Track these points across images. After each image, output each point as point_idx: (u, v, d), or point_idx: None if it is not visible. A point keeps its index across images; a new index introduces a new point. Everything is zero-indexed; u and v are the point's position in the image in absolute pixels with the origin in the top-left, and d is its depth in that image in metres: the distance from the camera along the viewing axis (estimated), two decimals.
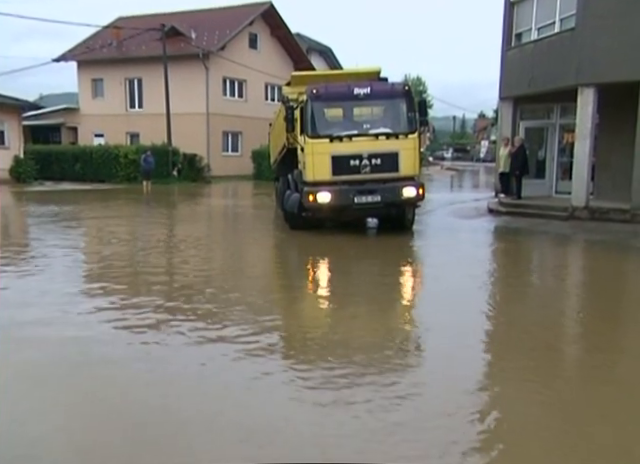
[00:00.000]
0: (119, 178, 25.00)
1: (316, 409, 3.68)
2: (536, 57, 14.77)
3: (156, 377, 4.20)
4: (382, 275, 8.04)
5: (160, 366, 4.40)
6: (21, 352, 4.63)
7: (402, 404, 3.71)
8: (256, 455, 3.10)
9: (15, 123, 25.35)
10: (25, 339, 4.96)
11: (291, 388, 4.02)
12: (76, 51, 31.44)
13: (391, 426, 3.41)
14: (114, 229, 12.25)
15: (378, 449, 3.17)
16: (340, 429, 3.36)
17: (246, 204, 20.08)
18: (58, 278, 7.39)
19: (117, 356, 4.61)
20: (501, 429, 3.47)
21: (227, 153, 30.55)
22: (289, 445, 3.22)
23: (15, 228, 13.76)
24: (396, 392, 3.89)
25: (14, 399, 3.82)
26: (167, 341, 4.96)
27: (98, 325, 5.40)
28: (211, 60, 28.16)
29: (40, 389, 3.98)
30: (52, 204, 16.83)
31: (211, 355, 4.66)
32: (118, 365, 4.43)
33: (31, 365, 4.39)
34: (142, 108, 29.90)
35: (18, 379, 4.14)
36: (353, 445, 3.20)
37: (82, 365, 4.41)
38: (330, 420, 3.50)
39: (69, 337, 5.02)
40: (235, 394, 3.90)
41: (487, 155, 60.98)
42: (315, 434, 3.34)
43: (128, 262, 8.80)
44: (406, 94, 10.81)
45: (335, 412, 3.61)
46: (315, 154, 10.51)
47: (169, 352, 4.73)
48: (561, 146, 15.92)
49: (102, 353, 4.65)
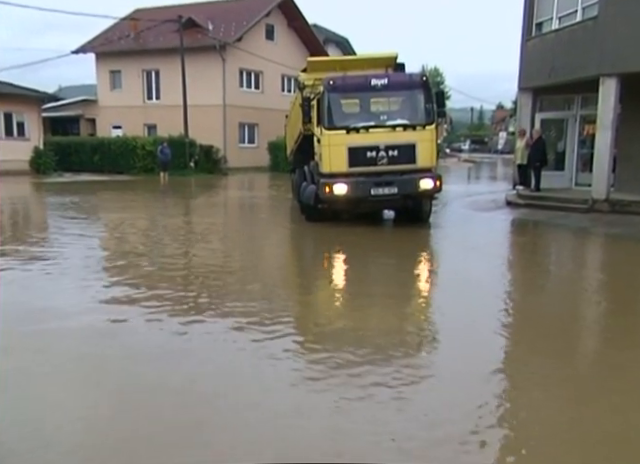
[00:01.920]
0: (137, 169, 25.20)
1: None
2: (557, 47, 14.52)
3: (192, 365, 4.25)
4: (399, 267, 8.02)
5: (187, 354, 4.46)
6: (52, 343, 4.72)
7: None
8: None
9: (35, 115, 25.63)
10: (50, 331, 5.05)
11: (308, 369, 4.04)
12: (94, 43, 31.66)
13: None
14: (132, 220, 12.37)
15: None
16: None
17: (262, 196, 20.12)
18: (79, 266, 7.50)
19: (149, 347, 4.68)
20: (518, 416, 3.46)
21: (243, 145, 30.61)
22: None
23: (37, 218, 13.95)
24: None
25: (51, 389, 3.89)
26: (190, 328, 5.02)
27: (123, 314, 5.47)
28: (228, 51, 28.17)
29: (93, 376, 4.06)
30: (72, 195, 17.04)
31: (236, 339, 4.71)
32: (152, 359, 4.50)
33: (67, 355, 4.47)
34: (159, 100, 30.05)
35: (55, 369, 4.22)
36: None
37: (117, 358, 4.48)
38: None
39: (93, 326, 5.10)
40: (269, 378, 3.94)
41: (505, 147, 60.25)
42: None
43: (146, 252, 8.88)
44: (424, 85, 10.71)
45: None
46: (331, 146, 10.47)
47: (195, 340, 4.79)
48: (581, 137, 15.66)
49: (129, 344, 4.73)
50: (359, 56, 13.66)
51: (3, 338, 4.76)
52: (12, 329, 5.00)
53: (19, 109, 24.86)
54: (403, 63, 11.99)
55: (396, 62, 11.94)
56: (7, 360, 4.29)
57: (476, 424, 3.32)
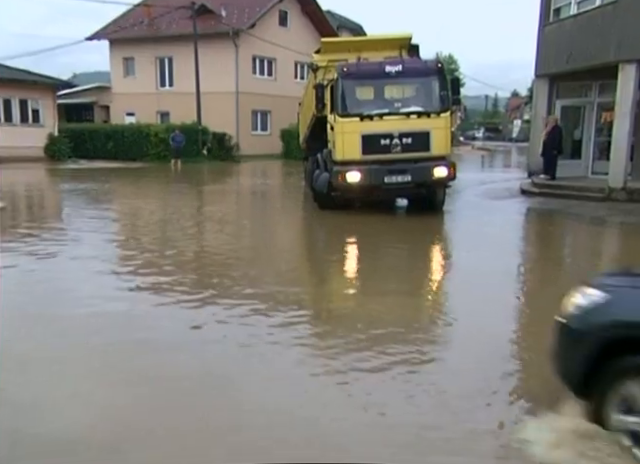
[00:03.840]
0: (150, 157, 25.26)
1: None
2: (575, 33, 14.26)
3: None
4: (411, 255, 8.00)
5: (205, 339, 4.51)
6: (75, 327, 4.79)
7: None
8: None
9: (50, 101, 25.74)
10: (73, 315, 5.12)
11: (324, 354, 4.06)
12: (108, 30, 31.63)
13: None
14: (148, 207, 12.45)
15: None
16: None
17: (275, 183, 20.12)
18: (97, 250, 7.59)
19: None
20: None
21: (256, 132, 30.55)
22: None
23: (55, 204, 14.08)
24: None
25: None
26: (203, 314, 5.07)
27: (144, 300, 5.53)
28: (241, 38, 28.03)
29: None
30: (88, 182, 17.17)
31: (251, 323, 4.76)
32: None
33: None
34: (172, 87, 30.04)
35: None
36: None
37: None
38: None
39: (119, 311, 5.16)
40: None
41: (520, 135, 59.46)
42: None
43: (162, 240, 8.94)
44: (439, 72, 10.59)
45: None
46: (345, 133, 10.41)
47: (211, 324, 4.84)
48: (598, 125, 15.42)
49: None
50: (373, 37, 13.50)
51: (26, 323, 4.84)
52: (31, 314, 5.08)
53: (34, 96, 24.98)
54: (417, 45, 11.88)
55: (410, 43, 11.82)
56: (27, 343, 4.36)
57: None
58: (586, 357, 2.83)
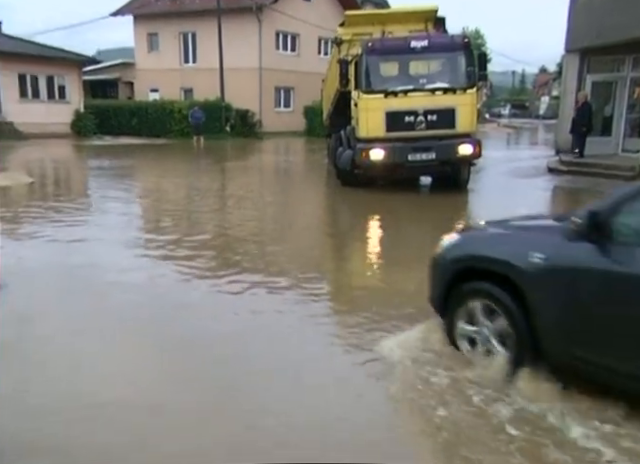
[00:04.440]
0: (173, 133, 25.42)
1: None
2: (607, 5, 13.79)
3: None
4: (434, 234, 7.96)
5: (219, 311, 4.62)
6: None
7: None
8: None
9: (76, 78, 25.96)
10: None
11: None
12: (132, 5, 31.61)
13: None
14: (171, 183, 12.60)
15: None
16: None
17: (298, 160, 20.10)
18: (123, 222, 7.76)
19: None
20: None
21: (279, 109, 30.43)
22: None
23: (83, 179, 14.33)
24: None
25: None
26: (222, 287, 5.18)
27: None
28: (264, 13, 27.75)
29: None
30: (113, 158, 17.41)
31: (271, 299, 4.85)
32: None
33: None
34: (196, 63, 30.00)
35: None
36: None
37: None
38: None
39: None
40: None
41: (547, 111, 58.18)
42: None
43: (186, 215, 9.08)
44: (465, 47, 10.39)
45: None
46: (369, 110, 10.33)
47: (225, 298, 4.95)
48: (631, 101, 15.00)
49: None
50: (398, 9, 13.23)
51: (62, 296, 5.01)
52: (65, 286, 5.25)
53: (60, 72, 25.20)
54: (444, 17, 11.66)
55: (436, 16, 11.60)
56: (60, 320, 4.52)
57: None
58: (444, 283, 3.67)
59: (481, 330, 3.49)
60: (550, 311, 3.18)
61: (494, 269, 3.38)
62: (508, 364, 3.29)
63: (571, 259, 3.09)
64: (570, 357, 3.15)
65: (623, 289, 2.93)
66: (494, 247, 3.50)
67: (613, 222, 2.99)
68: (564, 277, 3.10)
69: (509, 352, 3.32)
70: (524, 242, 3.36)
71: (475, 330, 3.52)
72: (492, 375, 3.30)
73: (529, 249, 3.21)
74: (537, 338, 3.22)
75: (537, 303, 3.20)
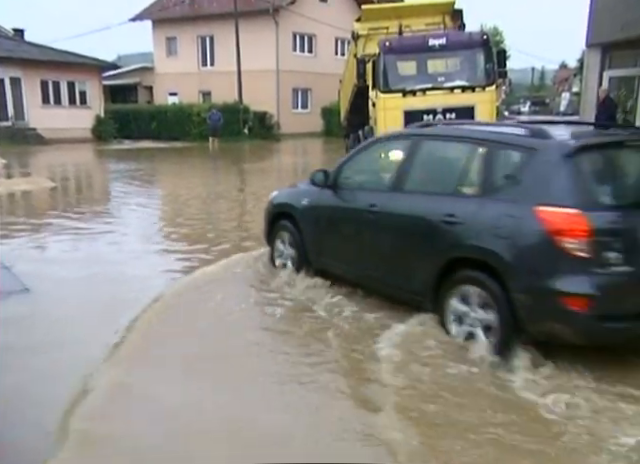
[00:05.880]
0: (192, 136, 25.61)
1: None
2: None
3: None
4: None
5: None
6: None
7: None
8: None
9: (96, 83, 26.32)
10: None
11: None
12: (151, 10, 31.96)
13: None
14: (189, 186, 12.69)
15: None
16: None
17: (316, 161, 19.98)
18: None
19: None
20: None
21: (297, 110, 30.48)
22: None
23: (105, 182, 14.51)
24: None
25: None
26: None
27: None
28: (281, 15, 27.83)
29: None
30: (133, 161, 17.61)
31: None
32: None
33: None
34: (214, 66, 30.19)
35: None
36: None
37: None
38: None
39: None
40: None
41: (568, 108, 57.32)
42: None
43: (203, 217, 9.13)
44: (484, 44, 10.31)
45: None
46: (387, 109, 10.28)
47: None
48: None
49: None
50: (414, 2, 13.13)
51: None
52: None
53: (81, 78, 25.57)
54: (461, 9, 11.61)
55: (453, 8, 11.51)
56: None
57: None
58: (269, 222, 5.55)
59: (285, 248, 5.35)
60: (310, 233, 5.05)
61: (286, 210, 5.33)
62: (294, 265, 5.21)
63: (320, 200, 4.97)
64: (321, 263, 5.01)
65: (343, 216, 4.79)
66: (289, 197, 5.46)
67: (338, 177, 4.87)
68: (316, 211, 5.01)
69: (295, 256, 5.21)
70: (301, 194, 5.26)
71: (282, 249, 5.39)
72: (286, 280, 5.05)
73: (302, 197, 5.17)
74: (305, 251, 5.08)
75: (304, 228, 5.08)
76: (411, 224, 4.12)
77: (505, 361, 3.43)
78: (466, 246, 3.68)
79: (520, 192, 3.55)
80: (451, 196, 3.94)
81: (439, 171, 4.37)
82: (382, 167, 4.93)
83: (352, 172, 4.89)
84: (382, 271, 4.39)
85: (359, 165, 4.92)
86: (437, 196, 4.04)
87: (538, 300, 3.36)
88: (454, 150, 4.28)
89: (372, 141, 5.29)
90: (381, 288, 4.50)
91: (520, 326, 3.44)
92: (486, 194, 3.74)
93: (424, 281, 3.93)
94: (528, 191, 3.51)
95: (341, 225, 4.77)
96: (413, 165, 4.37)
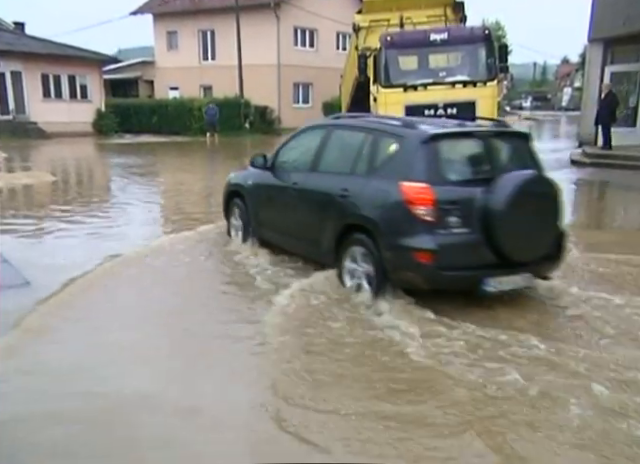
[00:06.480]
0: (193, 130, 25.56)
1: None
2: None
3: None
4: None
5: None
6: None
7: None
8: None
9: (97, 77, 26.26)
10: None
11: None
12: (152, 4, 31.86)
13: None
14: (190, 180, 12.68)
15: None
16: None
17: None
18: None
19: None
20: None
21: (298, 105, 30.41)
22: None
23: (104, 177, 14.52)
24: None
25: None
26: None
27: None
28: (282, 9, 27.74)
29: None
30: (134, 156, 17.57)
31: None
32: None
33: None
34: (215, 60, 30.11)
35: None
36: None
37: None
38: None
39: None
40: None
41: (570, 103, 57.29)
42: None
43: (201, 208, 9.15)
44: (486, 39, 10.28)
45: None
46: (388, 104, 10.27)
47: None
48: None
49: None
50: None
51: None
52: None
53: (82, 72, 25.50)
54: (462, 2, 11.53)
55: (455, 1, 11.46)
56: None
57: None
58: (226, 199, 6.51)
59: (237, 219, 6.35)
60: (254, 208, 6.01)
61: (237, 189, 6.32)
62: (244, 236, 6.18)
63: (261, 180, 5.93)
64: (261, 233, 5.97)
65: (275, 193, 5.76)
66: (240, 178, 6.40)
67: (275, 160, 5.85)
68: (258, 189, 5.97)
69: (242, 227, 6.22)
70: (248, 175, 6.22)
71: (236, 222, 6.37)
72: (235, 248, 6.14)
73: (249, 178, 6.18)
74: (250, 222, 6.05)
75: (249, 204, 6.07)
76: (319, 198, 5.09)
77: (377, 304, 4.37)
78: (354, 215, 4.67)
79: (392, 171, 4.49)
80: (347, 175, 4.89)
81: (341, 155, 5.24)
82: (305, 151, 5.63)
83: (285, 156, 5.84)
84: (301, 237, 5.43)
85: (290, 150, 5.85)
86: (338, 175, 5.01)
87: (397, 254, 4.31)
88: (353, 138, 5.13)
89: (301, 130, 5.98)
90: (300, 251, 5.54)
91: (387, 276, 4.38)
92: (370, 173, 4.70)
93: (328, 244, 4.89)
94: (397, 170, 4.44)
95: (274, 200, 5.81)
96: (325, 150, 5.31)
